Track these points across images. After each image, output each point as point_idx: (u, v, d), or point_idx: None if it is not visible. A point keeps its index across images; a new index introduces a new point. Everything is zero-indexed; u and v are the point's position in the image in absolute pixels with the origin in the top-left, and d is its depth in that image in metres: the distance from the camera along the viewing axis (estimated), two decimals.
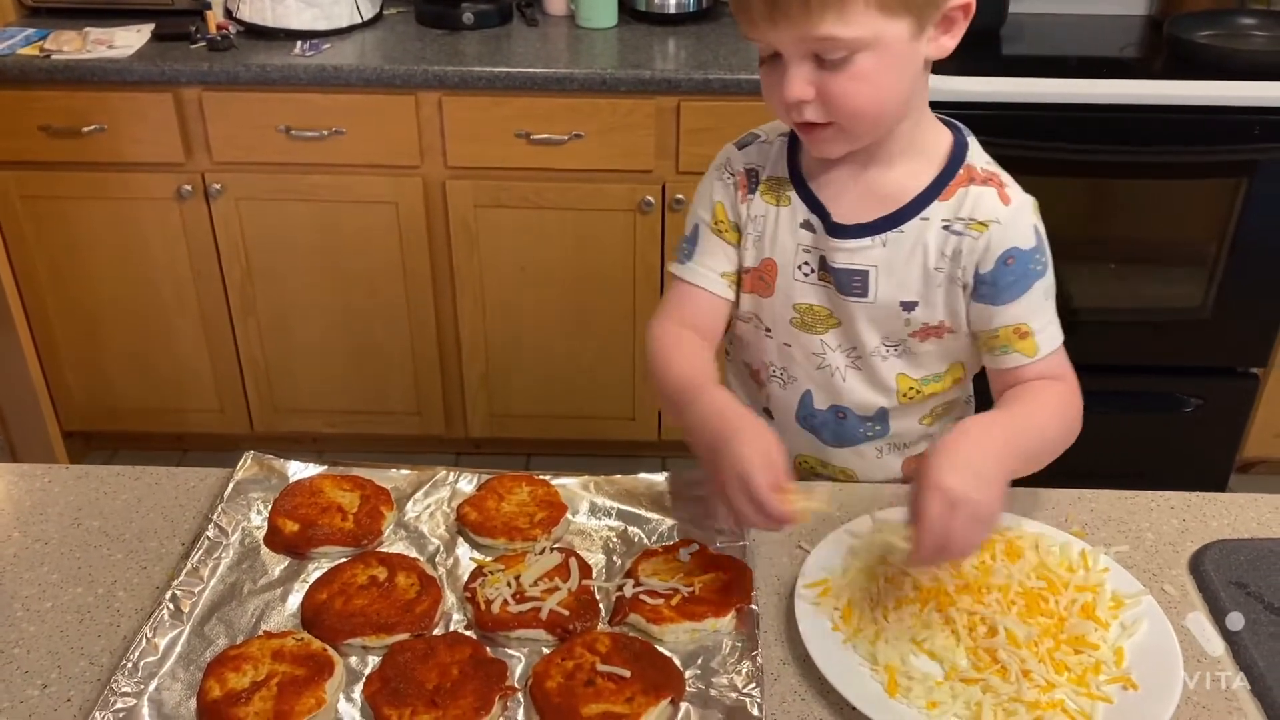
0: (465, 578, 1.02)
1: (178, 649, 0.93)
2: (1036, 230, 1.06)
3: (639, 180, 2.24)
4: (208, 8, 2.28)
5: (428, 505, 1.11)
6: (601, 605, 0.99)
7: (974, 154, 1.09)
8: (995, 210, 1.05)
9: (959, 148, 1.08)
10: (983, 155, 1.10)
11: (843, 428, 1.19)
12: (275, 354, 2.49)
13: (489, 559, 1.04)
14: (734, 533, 1.06)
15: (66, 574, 1.03)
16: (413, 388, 2.52)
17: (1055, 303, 1.08)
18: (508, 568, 1.01)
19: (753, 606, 0.97)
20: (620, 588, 1.00)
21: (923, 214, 1.07)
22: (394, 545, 1.07)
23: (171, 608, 0.96)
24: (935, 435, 1.20)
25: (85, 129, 2.20)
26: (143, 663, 0.91)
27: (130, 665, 0.90)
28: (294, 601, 0.99)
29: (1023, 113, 2.09)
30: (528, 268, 2.36)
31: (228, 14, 2.31)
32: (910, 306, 1.09)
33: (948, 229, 1.06)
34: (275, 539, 1.06)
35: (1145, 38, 2.47)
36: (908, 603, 0.96)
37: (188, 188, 2.27)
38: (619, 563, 1.04)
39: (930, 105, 1.08)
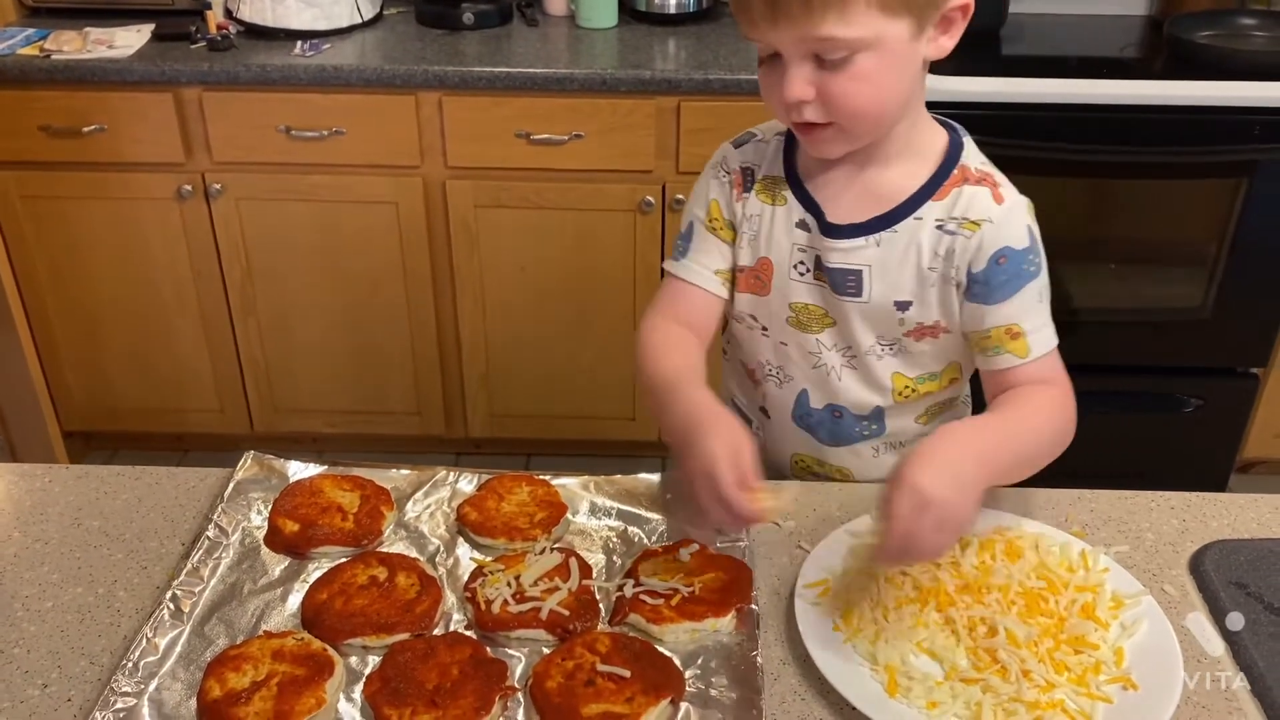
0: (465, 578, 1.02)
1: (178, 649, 0.93)
2: (1030, 231, 1.06)
3: (639, 180, 2.24)
4: (208, 8, 2.28)
5: (428, 505, 1.11)
6: (601, 605, 0.99)
7: (969, 154, 1.08)
8: (988, 210, 1.05)
9: (954, 148, 1.08)
10: (978, 155, 1.10)
11: (839, 427, 1.19)
12: (275, 354, 2.49)
13: (489, 559, 1.04)
14: (708, 533, 1.04)
15: (67, 574, 1.03)
16: (413, 388, 2.52)
17: (1050, 307, 1.07)
18: (508, 568, 1.01)
19: (753, 606, 0.97)
20: (620, 588, 1.00)
21: (916, 214, 1.06)
22: (394, 545, 1.07)
23: (172, 608, 0.96)
24: (930, 434, 1.20)
25: (85, 129, 2.20)
26: (143, 662, 0.91)
27: (130, 665, 0.90)
28: (294, 601, 1.00)
29: (1023, 113, 2.09)
30: (528, 268, 2.36)
31: (228, 14, 2.31)
32: (904, 306, 1.09)
33: (941, 228, 1.06)
34: (275, 539, 1.06)
35: (1145, 38, 2.47)
36: (908, 603, 0.96)
37: (188, 188, 2.27)
38: (619, 563, 1.04)
39: (930, 105, 1.08)
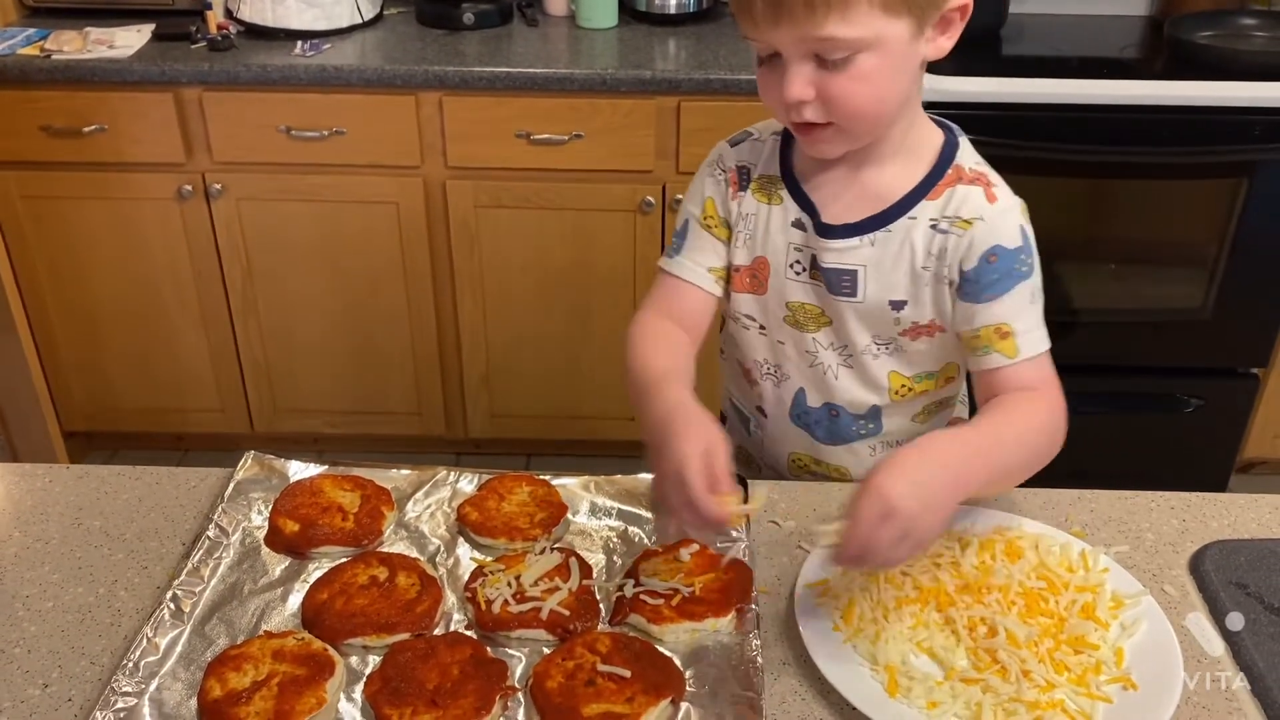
0: (466, 578, 1.02)
1: (178, 649, 0.93)
2: (1023, 231, 1.05)
3: (639, 180, 2.24)
4: (208, 8, 2.28)
5: (428, 505, 1.11)
6: (602, 605, 0.99)
7: (964, 154, 1.08)
8: (981, 208, 1.04)
9: (949, 148, 1.08)
10: (973, 155, 1.09)
11: (836, 425, 1.19)
12: (276, 354, 2.49)
13: (489, 559, 1.04)
14: (676, 536, 1.02)
15: (67, 574, 1.03)
16: (413, 388, 2.52)
17: (1044, 311, 1.05)
18: (508, 568, 1.01)
19: (753, 606, 0.97)
20: (620, 588, 1.00)
21: (910, 213, 1.06)
22: (394, 545, 1.07)
23: (172, 607, 0.96)
24: (910, 443, 1.19)
25: (86, 129, 2.20)
26: (143, 662, 0.91)
27: (131, 665, 0.90)
28: (294, 601, 1.00)
29: (1023, 113, 2.09)
30: (528, 268, 2.36)
31: (228, 14, 2.31)
32: (899, 306, 1.09)
33: (935, 228, 1.06)
34: (276, 539, 1.06)
35: (1145, 38, 2.47)
36: (908, 603, 0.96)
37: (188, 188, 2.27)
38: (619, 563, 1.04)
39: (930, 105, 1.08)
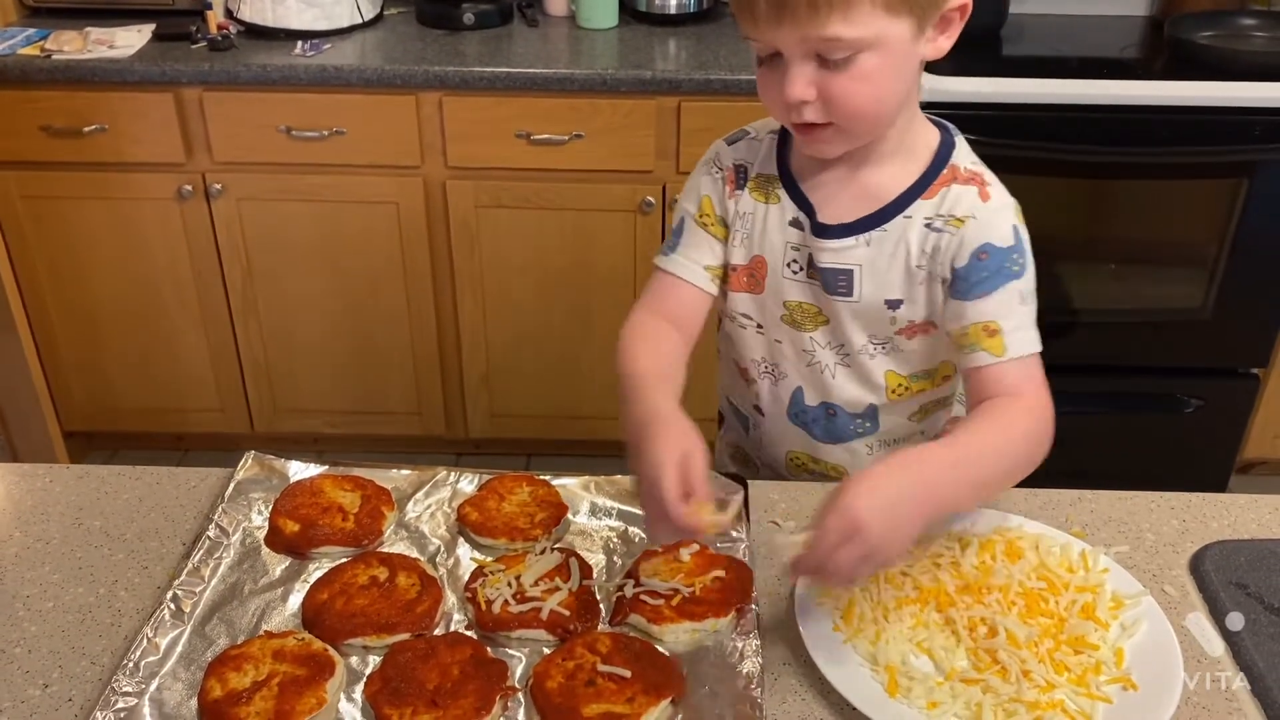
0: (466, 578, 1.02)
1: (179, 649, 0.93)
2: (1016, 231, 1.05)
3: (639, 180, 2.24)
4: (208, 8, 2.28)
5: (428, 505, 1.11)
6: (602, 605, 0.99)
7: (959, 154, 1.08)
8: (974, 206, 1.05)
9: (945, 147, 1.08)
10: (969, 155, 1.09)
11: (833, 424, 1.19)
12: (276, 354, 2.49)
13: (490, 559, 1.04)
14: (657, 541, 1.02)
15: (68, 574, 1.03)
16: (413, 388, 2.52)
17: (1035, 313, 1.04)
18: (508, 568, 1.01)
19: (753, 606, 0.97)
20: (621, 588, 1.00)
21: (906, 212, 1.06)
22: (395, 545, 1.07)
23: (173, 607, 0.96)
24: (925, 432, 1.20)
25: (86, 129, 2.20)
26: (144, 662, 0.91)
27: (131, 665, 0.90)
28: (295, 601, 1.00)
29: (1023, 113, 2.09)
30: (528, 268, 2.36)
31: (228, 14, 2.31)
32: (895, 305, 1.09)
33: (929, 226, 1.06)
34: (276, 539, 1.06)
35: (1146, 38, 2.47)
36: (908, 603, 0.96)
37: (188, 188, 2.27)
38: (619, 563, 1.04)
39: (930, 105, 1.08)
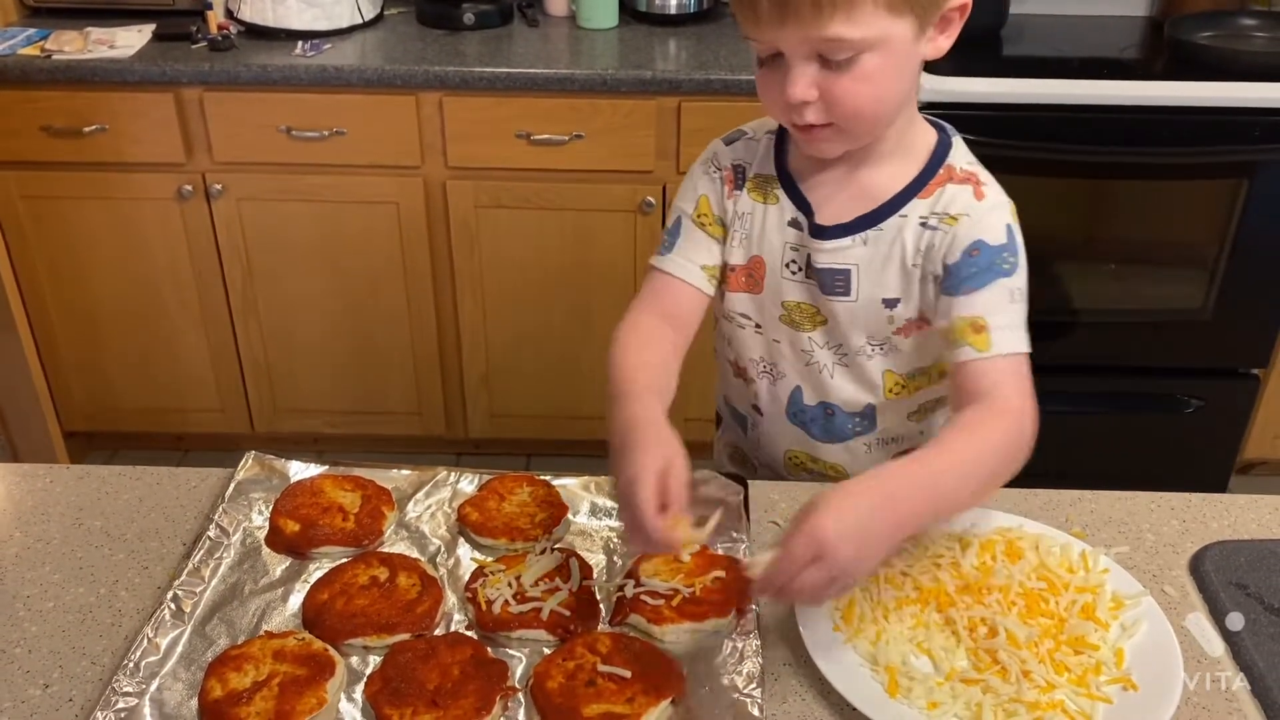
0: (466, 578, 1.02)
1: (179, 649, 0.93)
2: (1010, 230, 1.04)
3: (639, 181, 2.24)
4: (209, 8, 2.28)
5: (429, 505, 1.11)
6: (602, 605, 0.99)
7: (956, 154, 1.08)
8: (968, 205, 1.05)
9: (942, 147, 1.08)
10: (965, 155, 1.09)
11: (831, 424, 1.19)
12: (276, 354, 2.49)
13: (490, 559, 1.04)
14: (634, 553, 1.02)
15: (68, 574, 1.03)
16: (413, 388, 2.52)
17: (1024, 313, 1.02)
18: (508, 568, 1.01)
19: (753, 607, 0.97)
20: (621, 588, 1.00)
21: (901, 211, 1.07)
22: (395, 545, 1.07)
23: (173, 607, 0.96)
24: (925, 432, 1.20)
25: (86, 129, 2.20)
26: (144, 662, 0.91)
27: (132, 665, 0.90)
28: (295, 601, 1.00)
29: (1023, 113, 2.08)
30: (528, 268, 2.36)
31: (229, 14, 2.31)
32: (892, 304, 1.09)
33: (924, 225, 1.06)
34: (276, 539, 1.06)
35: (1146, 39, 2.47)
36: (908, 603, 0.96)
37: (188, 188, 2.27)
38: (619, 563, 1.04)
39: (931, 106, 1.09)
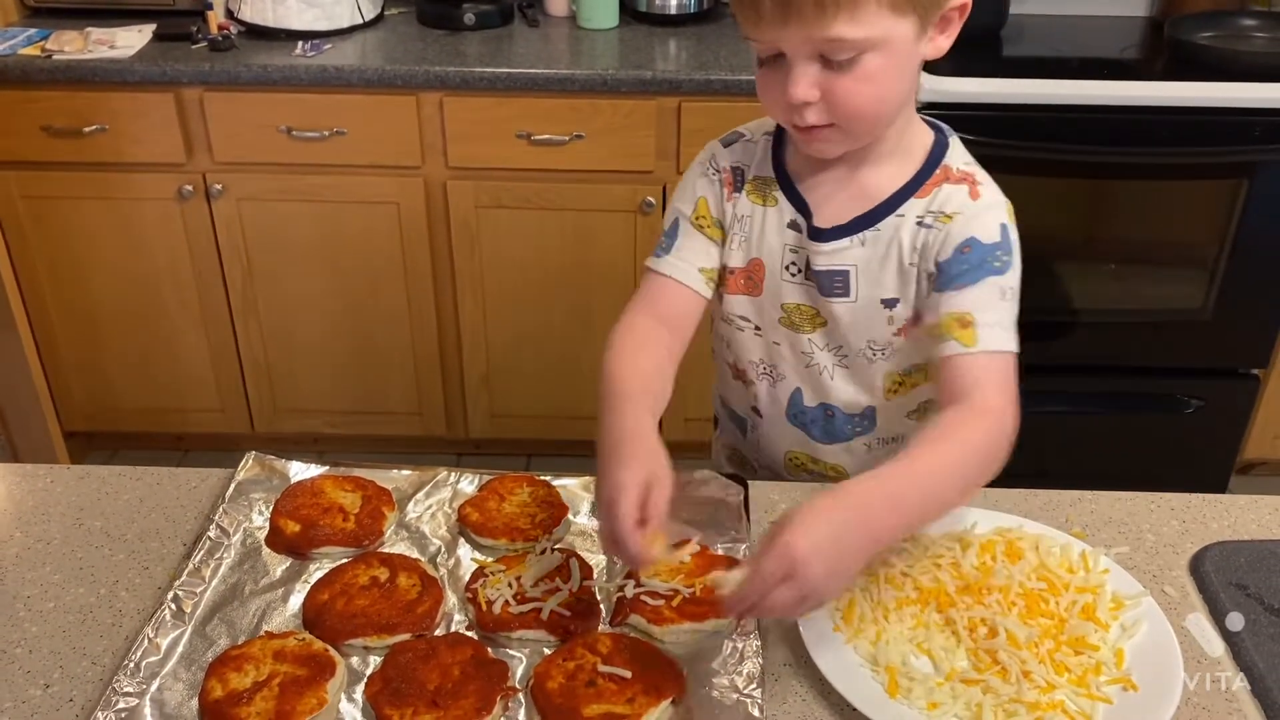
0: (466, 578, 1.02)
1: (179, 649, 0.93)
2: (1005, 229, 1.04)
3: (640, 181, 2.24)
4: (209, 8, 2.28)
5: (429, 506, 1.11)
6: (602, 606, 0.99)
7: (953, 154, 1.08)
8: (963, 204, 1.05)
9: (939, 147, 1.08)
10: (963, 155, 1.09)
11: (831, 425, 1.19)
12: (276, 354, 2.49)
13: (490, 559, 1.04)
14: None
15: (68, 574, 1.03)
16: (413, 388, 2.52)
17: (1015, 313, 1.02)
18: (509, 568, 1.01)
19: None
20: (621, 588, 1.00)
21: (898, 211, 1.07)
22: (395, 546, 1.07)
23: (173, 608, 0.96)
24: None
25: (86, 129, 2.20)
26: (145, 663, 0.91)
27: (132, 665, 0.90)
28: (295, 602, 1.00)
29: (1023, 114, 2.08)
30: (528, 268, 2.36)
31: (229, 14, 2.31)
32: (891, 304, 1.09)
33: (920, 224, 1.06)
34: (277, 539, 1.06)
35: (1146, 39, 2.47)
36: (908, 604, 0.96)
37: (189, 188, 2.27)
38: (619, 563, 1.04)
39: (930, 106, 1.09)
